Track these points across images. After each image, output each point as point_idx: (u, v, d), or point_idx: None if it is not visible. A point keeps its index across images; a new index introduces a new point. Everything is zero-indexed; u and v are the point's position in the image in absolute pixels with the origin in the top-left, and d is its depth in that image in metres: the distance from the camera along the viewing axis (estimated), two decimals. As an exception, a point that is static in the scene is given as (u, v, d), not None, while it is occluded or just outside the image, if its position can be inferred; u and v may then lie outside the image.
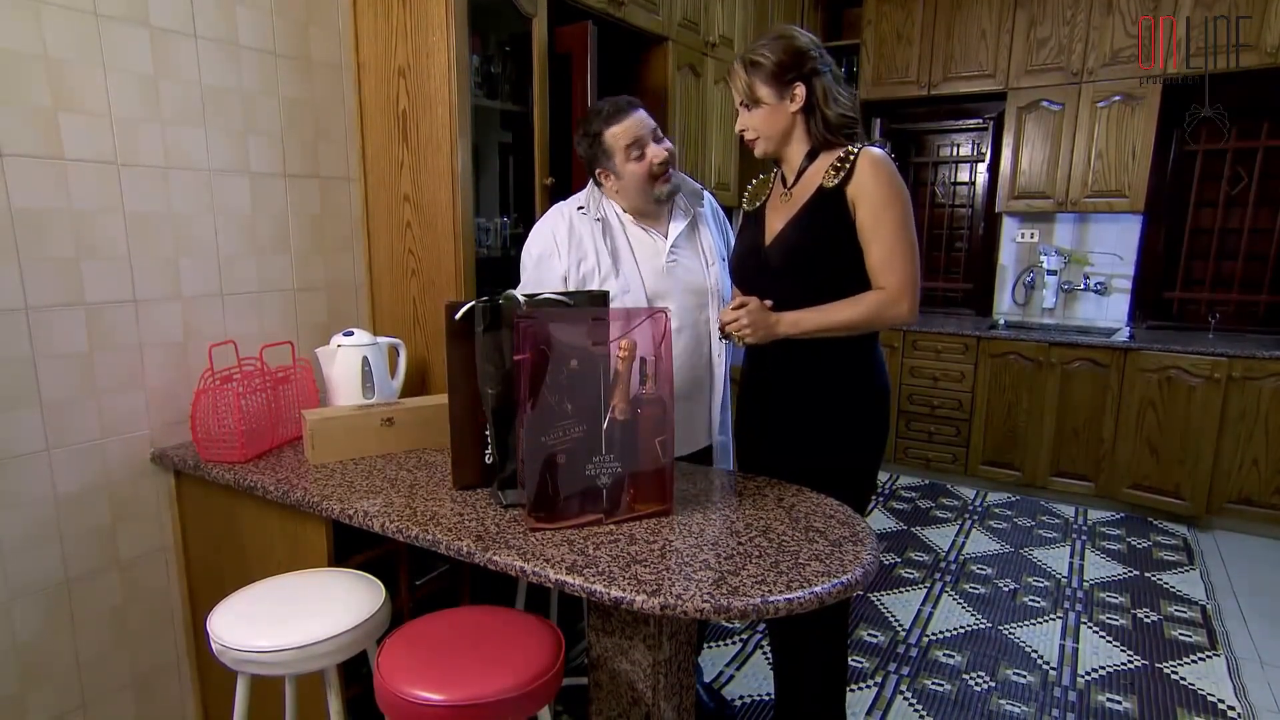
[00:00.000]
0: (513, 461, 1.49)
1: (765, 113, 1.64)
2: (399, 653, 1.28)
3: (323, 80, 2.14)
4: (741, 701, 2.32)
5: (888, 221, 1.55)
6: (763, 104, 1.63)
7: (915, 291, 1.58)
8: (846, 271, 1.60)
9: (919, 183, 4.78)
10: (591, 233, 1.82)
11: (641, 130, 1.76)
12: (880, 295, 1.57)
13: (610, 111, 1.78)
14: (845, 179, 1.58)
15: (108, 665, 1.81)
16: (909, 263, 1.57)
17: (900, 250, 1.56)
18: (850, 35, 4.56)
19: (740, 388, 1.87)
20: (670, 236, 1.85)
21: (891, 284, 1.56)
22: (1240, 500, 3.52)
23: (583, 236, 1.82)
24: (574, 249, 1.82)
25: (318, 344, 2.07)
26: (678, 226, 1.86)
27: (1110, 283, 4.21)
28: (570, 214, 1.86)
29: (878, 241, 1.56)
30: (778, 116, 1.64)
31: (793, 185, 1.68)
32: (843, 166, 1.59)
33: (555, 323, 1.37)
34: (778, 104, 1.63)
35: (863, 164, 1.57)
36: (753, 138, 1.68)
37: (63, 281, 1.65)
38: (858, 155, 1.58)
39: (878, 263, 1.57)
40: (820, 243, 1.60)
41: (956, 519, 3.77)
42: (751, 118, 1.66)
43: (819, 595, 1.16)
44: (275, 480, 1.64)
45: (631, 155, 1.77)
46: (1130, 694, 2.37)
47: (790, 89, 1.61)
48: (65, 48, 1.61)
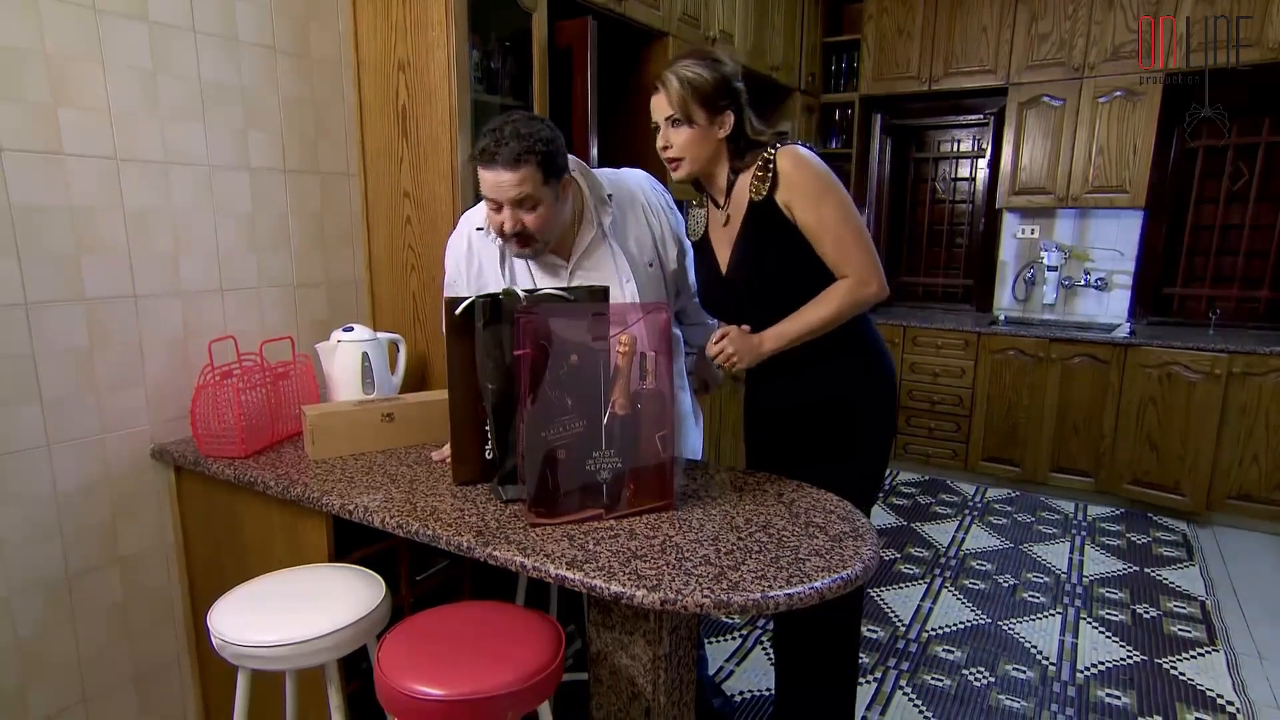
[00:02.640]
0: (513, 457, 1.49)
1: (694, 135, 1.58)
2: (399, 648, 1.28)
3: (323, 76, 2.13)
4: (742, 697, 2.32)
5: (828, 213, 1.55)
6: (695, 125, 1.57)
7: (878, 268, 1.58)
8: (805, 273, 1.59)
9: (919, 178, 4.78)
10: (491, 256, 1.70)
11: (499, 193, 1.51)
12: (848, 284, 1.57)
13: (484, 150, 1.50)
14: (772, 187, 1.56)
15: (108, 660, 1.82)
16: (861, 245, 1.56)
17: (849, 236, 1.55)
18: (851, 31, 4.55)
19: (746, 389, 1.87)
20: (573, 260, 1.69)
21: (853, 270, 1.56)
22: (1240, 496, 3.52)
23: (483, 263, 1.71)
24: (474, 276, 1.71)
25: (318, 339, 2.07)
26: (580, 247, 1.69)
27: (1111, 279, 4.21)
28: (469, 234, 1.73)
29: (826, 234, 1.55)
30: (706, 141, 1.59)
31: (726, 205, 1.66)
32: (765, 175, 1.57)
33: (555, 318, 1.37)
34: (707, 127, 1.58)
35: (782, 165, 1.55)
36: (677, 157, 1.61)
37: (62, 277, 1.65)
38: (775, 159, 1.56)
39: (833, 254, 1.57)
40: (772, 258, 1.60)
41: (956, 515, 3.77)
42: (677, 136, 1.58)
43: (819, 590, 1.16)
44: (275, 476, 1.65)
45: (489, 205, 1.57)
46: (1129, 689, 2.37)
47: (720, 115, 1.58)
48: (64, 43, 1.61)
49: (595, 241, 1.70)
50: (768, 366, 1.64)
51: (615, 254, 1.71)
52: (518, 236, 1.56)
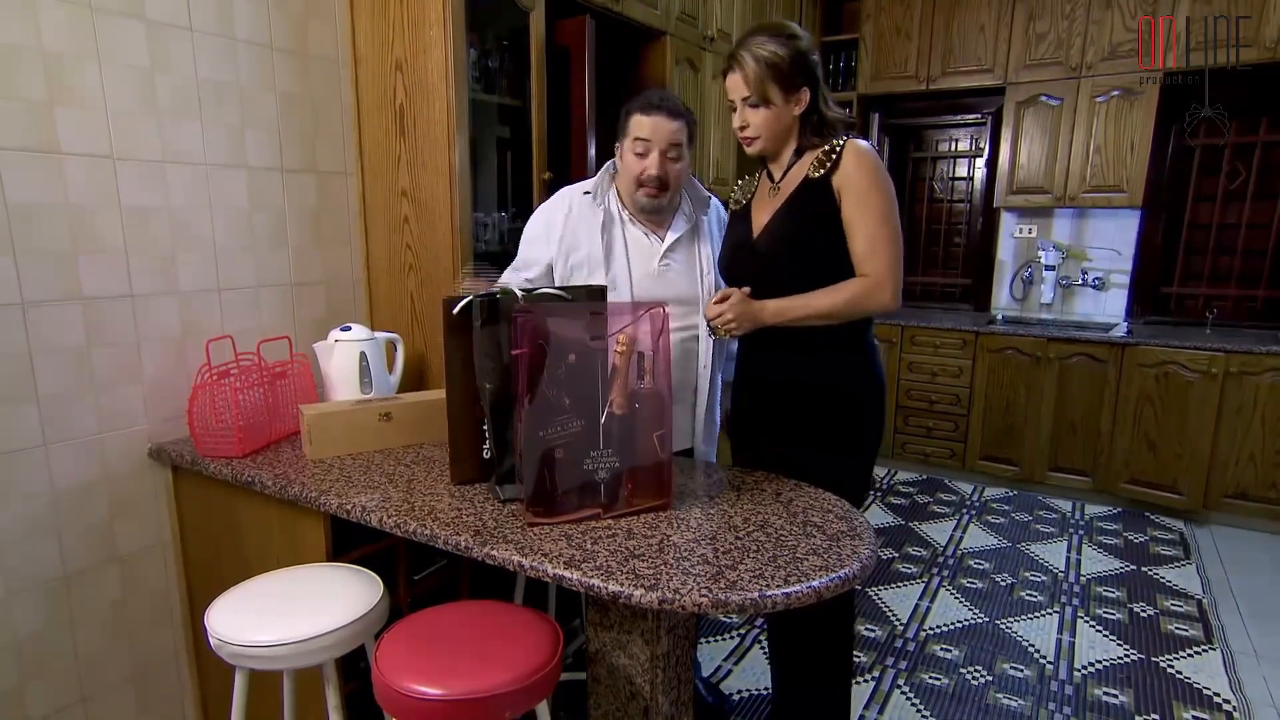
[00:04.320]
0: (511, 456, 1.49)
1: (771, 115, 1.62)
2: (397, 647, 1.28)
3: (320, 74, 2.13)
4: (739, 696, 2.32)
5: (872, 210, 1.56)
6: (771, 105, 1.61)
7: (898, 279, 1.58)
8: (833, 259, 1.60)
9: (917, 178, 4.78)
10: (589, 223, 1.80)
11: (657, 135, 1.71)
12: (863, 282, 1.58)
13: (647, 102, 1.73)
14: (831, 169, 1.59)
15: (107, 660, 1.81)
16: (892, 251, 1.57)
17: (883, 238, 1.57)
18: (849, 30, 4.55)
19: (734, 384, 1.86)
20: (667, 241, 1.83)
21: (874, 271, 1.57)
22: (1237, 495, 3.53)
23: (578, 226, 1.81)
24: (567, 236, 1.81)
25: (315, 339, 2.07)
26: (676, 232, 1.84)
27: (1108, 278, 4.21)
28: (574, 198, 1.84)
29: (861, 229, 1.57)
30: (782, 119, 1.63)
31: (780, 180, 1.69)
32: (828, 158, 1.60)
33: (553, 317, 1.37)
34: (783, 106, 1.62)
35: (848, 154, 1.58)
36: (753, 136, 1.66)
37: (59, 276, 1.65)
38: (844, 147, 1.59)
39: (861, 250, 1.58)
40: (806, 230, 1.61)
41: (954, 514, 3.77)
42: (755, 116, 1.63)
43: (816, 590, 1.16)
44: (273, 475, 1.64)
45: (635, 150, 1.74)
46: (1126, 688, 2.38)
47: (797, 93, 1.61)
48: (60, 41, 1.60)
49: (688, 233, 1.86)
50: (767, 336, 1.65)
51: (703, 245, 1.87)
52: (658, 180, 1.74)
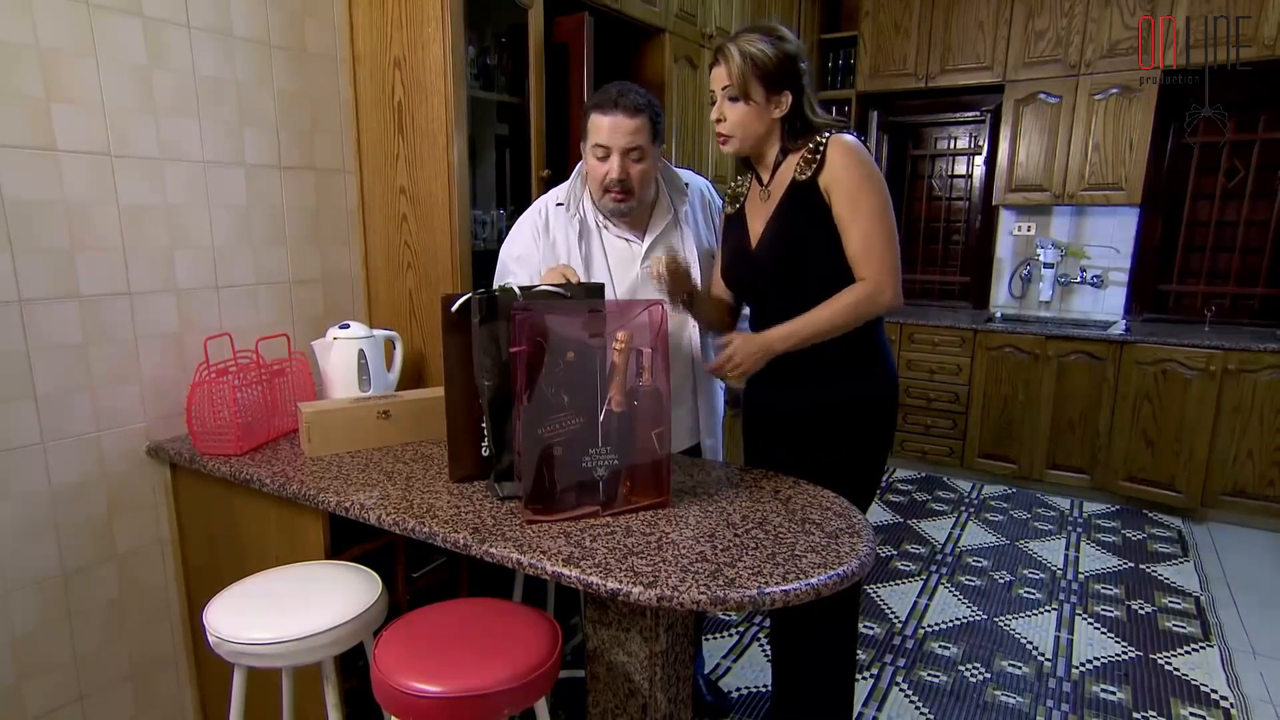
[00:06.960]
0: (509, 454, 1.49)
1: (749, 112, 1.57)
2: (396, 645, 1.28)
3: (318, 71, 2.13)
4: (739, 693, 2.33)
5: (863, 208, 1.52)
6: (751, 101, 1.57)
7: (897, 277, 1.54)
8: (835, 260, 1.57)
9: (916, 175, 4.78)
10: (566, 234, 1.76)
11: (615, 138, 1.63)
12: (864, 288, 1.53)
13: (605, 99, 1.64)
14: (817, 169, 1.55)
15: (105, 657, 1.81)
16: (888, 249, 1.53)
17: (878, 236, 1.52)
18: (848, 27, 4.54)
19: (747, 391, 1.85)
20: (646, 241, 1.79)
21: (872, 273, 1.53)
22: (1235, 492, 3.53)
23: (556, 238, 1.77)
24: (547, 250, 1.76)
25: (313, 337, 2.07)
26: (654, 231, 1.79)
27: (1107, 276, 4.21)
28: (548, 210, 1.79)
29: (855, 228, 1.53)
30: (760, 119, 1.59)
31: (769, 182, 1.66)
32: (813, 158, 1.56)
33: (552, 315, 1.36)
34: (763, 106, 1.57)
35: (833, 152, 1.54)
36: (727, 133, 1.61)
37: (57, 274, 1.64)
38: (827, 144, 1.55)
39: (856, 250, 1.54)
40: (803, 239, 1.58)
41: (953, 511, 3.78)
42: (732, 111, 1.59)
43: (815, 587, 1.16)
44: (271, 473, 1.64)
45: (595, 154, 1.67)
46: (1124, 685, 2.38)
47: (779, 95, 1.57)
48: (57, 38, 1.60)
49: (670, 226, 1.81)
50: (772, 369, 1.61)
51: (686, 238, 1.82)
52: (621, 184, 1.66)
